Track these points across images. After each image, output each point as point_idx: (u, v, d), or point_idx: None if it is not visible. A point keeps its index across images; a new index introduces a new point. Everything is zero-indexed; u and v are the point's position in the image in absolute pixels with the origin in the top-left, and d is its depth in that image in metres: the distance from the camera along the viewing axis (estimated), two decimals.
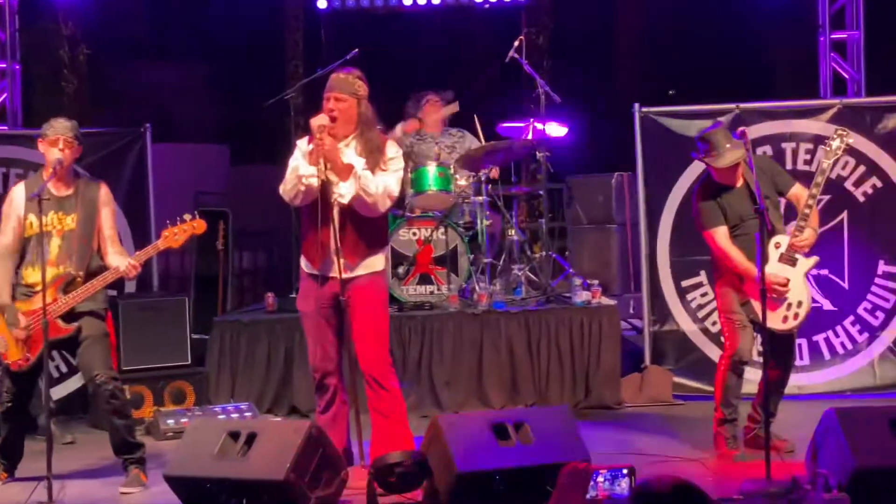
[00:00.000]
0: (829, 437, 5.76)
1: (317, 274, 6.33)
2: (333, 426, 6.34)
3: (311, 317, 6.39)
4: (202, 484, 5.78)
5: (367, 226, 6.31)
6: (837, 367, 8.54)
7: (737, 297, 6.72)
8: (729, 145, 6.64)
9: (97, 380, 6.39)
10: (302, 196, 6.20)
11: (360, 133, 6.33)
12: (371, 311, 6.33)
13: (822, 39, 9.64)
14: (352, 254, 6.26)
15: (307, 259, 6.38)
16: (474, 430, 5.92)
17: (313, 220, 6.25)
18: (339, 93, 6.28)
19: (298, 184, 6.16)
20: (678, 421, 7.90)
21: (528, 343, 8.44)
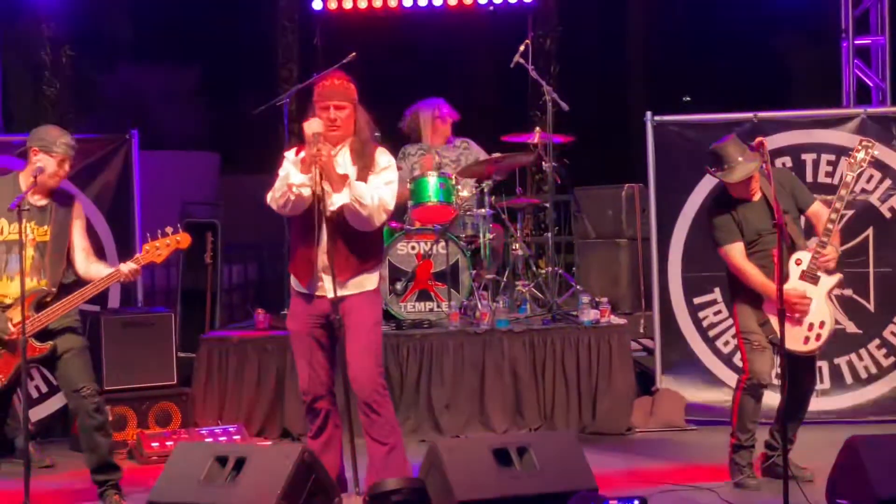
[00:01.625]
0: (850, 465, 5.76)
1: (306, 292, 6.30)
2: (326, 451, 6.32)
3: (300, 337, 6.36)
4: None
5: (361, 240, 6.26)
6: (860, 392, 8.52)
7: (755, 316, 6.71)
8: (741, 158, 6.63)
9: (83, 392, 6.41)
10: (291, 205, 6.15)
11: (354, 140, 6.31)
12: (364, 332, 6.27)
13: (844, 45, 9.66)
14: (343, 270, 6.18)
15: (295, 276, 6.36)
16: (475, 455, 5.92)
17: (302, 233, 6.23)
18: (339, 101, 6.26)
19: (289, 192, 6.12)
20: (691, 447, 7.89)
21: (532, 364, 8.44)
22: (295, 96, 9.38)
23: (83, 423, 6.49)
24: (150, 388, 8.36)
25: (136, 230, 8.78)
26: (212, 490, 5.78)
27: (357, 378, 6.23)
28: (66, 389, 6.58)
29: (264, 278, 11.40)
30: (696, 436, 8.28)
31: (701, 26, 12.79)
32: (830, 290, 6.71)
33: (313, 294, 6.27)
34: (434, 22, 12.30)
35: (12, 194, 6.41)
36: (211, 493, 5.77)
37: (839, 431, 6.89)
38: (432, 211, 8.87)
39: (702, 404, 8.55)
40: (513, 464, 5.91)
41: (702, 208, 8.30)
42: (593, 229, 10.86)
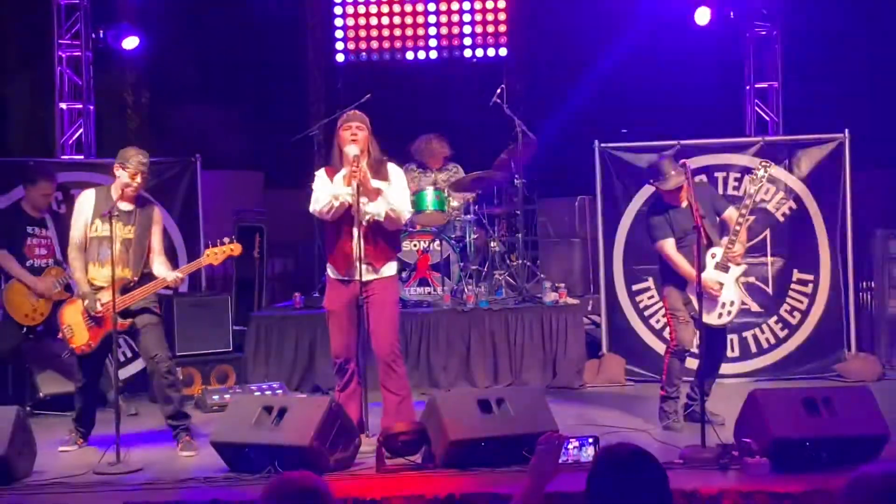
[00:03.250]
0: (752, 412, 5.80)
1: (343, 279, 6.34)
2: (350, 402, 6.35)
3: (336, 314, 6.40)
4: (242, 449, 5.81)
5: (385, 237, 6.36)
6: (762, 358, 8.55)
7: (681, 297, 6.75)
8: (674, 172, 6.69)
9: (156, 359, 6.42)
10: (334, 212, 6.22)
11: (369, 158, 6.35)
12: (386, 307, 6.35)
13: (747, 88, 9.68)
14: (375, 260, 6.29)
15: (334, 266, 6.39)
16: (464, 405, 5.97)
17: (338, 233, 6.29)
18: (359, 123, 6.33)
19: (335, 201, 6.18)
20: (629, 399, 7.92)
21: (506, 334, 8.47)
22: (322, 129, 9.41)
23: (158, 383, 6.50)
24: (211, 353, 8.40)
25: (201, 233, 8.79)
26: (261, 432, 5.81)
27: (380, 343, 6.29)
28: (144, 356, 6.61)
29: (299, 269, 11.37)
30: (634, 390, 8.32)
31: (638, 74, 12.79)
32: (738, 277, 6.76)
33: (349, 279, 6.29)
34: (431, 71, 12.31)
35: (105, 201, 6.45)
36: (260, 434, 5.80)
37: (745, 387, 6.94)
38: (430, 217, 8.89)
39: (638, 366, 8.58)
40: (493, 411, 5.95)
41: (639, 214, 8.33)
42: (553, 231, 10.88)
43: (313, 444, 5.60)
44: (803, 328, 8.54)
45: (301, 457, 5.60)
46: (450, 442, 5.71)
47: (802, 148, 8.61)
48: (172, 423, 6.55)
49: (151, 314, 6.50)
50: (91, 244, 6.48)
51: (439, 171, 9.45)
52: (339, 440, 5.82)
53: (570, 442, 3.64)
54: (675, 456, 5.90)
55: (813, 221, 8.52)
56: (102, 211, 6.38)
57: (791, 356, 8.52)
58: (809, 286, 8.55)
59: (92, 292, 6.42)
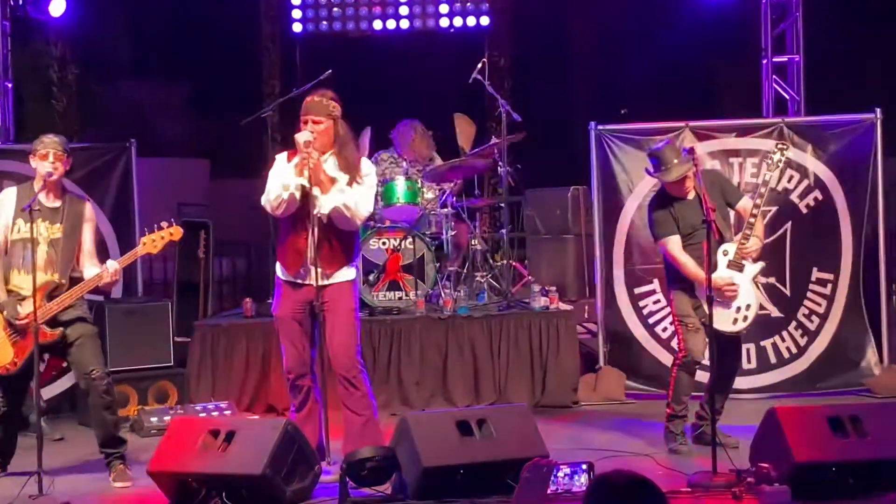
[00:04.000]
0: (770, 433, 5.79)
1: (293, 281, 6.30)
2: (307, 423, 6.31)
3: (286, 321, 6.37)
4: (184, 478, 5.75)
5: (342, 237, 6.31)
6: (782, 370, 8.55)
7: (690, 301, 6.75)
8: (676, 161, 6.68)
9: (92, 375, 6.37)
10: (285, 206, 6.18)
11: (337, 151, 6.32)
12: (344, 317, 6.31)
13: (764, 63, 9.68)
14: (328, 263, 6.24)
15: (284, 266, 6.36)
16: (440, 426, 5.94)
17: (291, 229, 6.25)
18: (315, 116, 6.27)
19: (283, 193, 6.14)
20: (630, 418, 7.91)
21: (489, 345, 8.44)
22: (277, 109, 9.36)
23: (93, 402, 6.45)
24: (149, 368, 8.34)
25: (136, 228, 8.73)
26: (206, 459, 5.76)
27: (338, 356, 6.25)
28: (77, 372, 6.54)
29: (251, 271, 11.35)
30: (635, 408, 8.30)
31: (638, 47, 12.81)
32: (755, 277, 6.76)
33: (300, 282, 6.27)
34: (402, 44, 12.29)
35: (28, 198, 6.39)
36: (205, 462, 5.75)
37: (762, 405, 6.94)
38: (401, 211, 8.88)
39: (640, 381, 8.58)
40: (473, 434, 5.92)
41: (641, 206, 8.31)
42: (543, 226, 10.87)
43: (266, 473, 5.56)
44: (823, 334, 8.55)
45: (252, 487, 5.56)
46: (423, 469, 5.68)
47: (828, 130, 8.62)
48: (105, 450, 6.50)
49: (86, 323, 6.46)
50: (14, 248, 6.44)
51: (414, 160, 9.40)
52: (295, 468, 5.78)
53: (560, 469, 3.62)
54: (683, 483, 5.89)
55: (838, 214, 8.55)
56: (22, 208, 6.32)
57: (813, 368, 8.53)
58: (828, 287, 8.56)
59: (12, 300, 6.36)
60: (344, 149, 6.32)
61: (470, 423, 5.96)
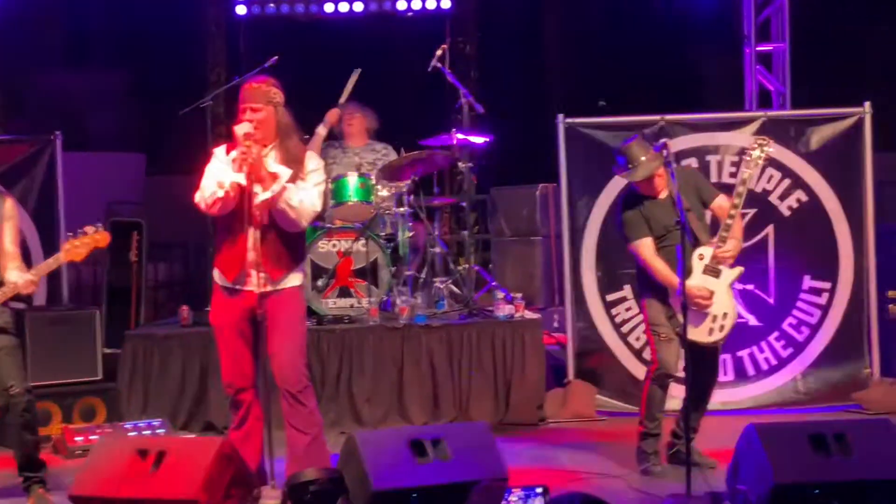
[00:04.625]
0: (749, 452, 5.80)
1: (231, 286, 6.26)
2: (247, 443, 6.27)
3: (225, 331, 6.32)
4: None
5: (287, 239, 6.26)
6: (762, 383, 8.61)
7: (663, 309, 6.76)
8: (644, 158, 6.68)
9: (11, 391, 6.30)
10: (221, 204, 6.12)
11: (279, 142, 6.27)
12: (288, 326, 6.27)
13: (747, 51, 9.74)
14: (270, 267, 6.19)
15: (221, 271, 6.31)
16: (391, 446, 5.88)
17: (230, 229, 6.20)
18: (254, 103, 6.22)
19: (218, 191, 6.08)
20: (601, 437, 7.92)
21: (449, 358, 8.43)
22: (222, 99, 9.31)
23: (11, 421, 6.38)
24: (74, 383, 8.27)
25: (61, 229, 8.66)
26: (133, 483, 5.69)
27: (282, 369, 6.21)
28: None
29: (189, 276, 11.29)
30: (606, 425, 8.32)
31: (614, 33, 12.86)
32: (732, 283, 6.77)
33: (239, 288, 6.22)
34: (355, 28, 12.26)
35: None
36: (132, 485, 5.68)
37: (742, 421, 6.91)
38: (352, 209, 8.86)
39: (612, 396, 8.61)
40: (427, 454, 5.87)
41: (612, 206, 8.33)
42: (509, 227, 10.86)
43: (201, 498, 5.50)
44: (812, 346, 8.62)
45: None
46: (372, 493, 5.64)
47: (814, 125, 8.66)
48: (24, 474, 6.44)
49: (5, 335, 6.40)
50: None
51: (364, 150, 9.39)
52: (233, 492, 5.72)
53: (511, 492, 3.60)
54: None
55: (831, 217, 8.60)
56: None
57: (797, 381, 8.60)
58: (825, 296, 8.62)
59: None
60: (286, 140, 6.28)
61: (424, 442, 5.91)
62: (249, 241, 6.12)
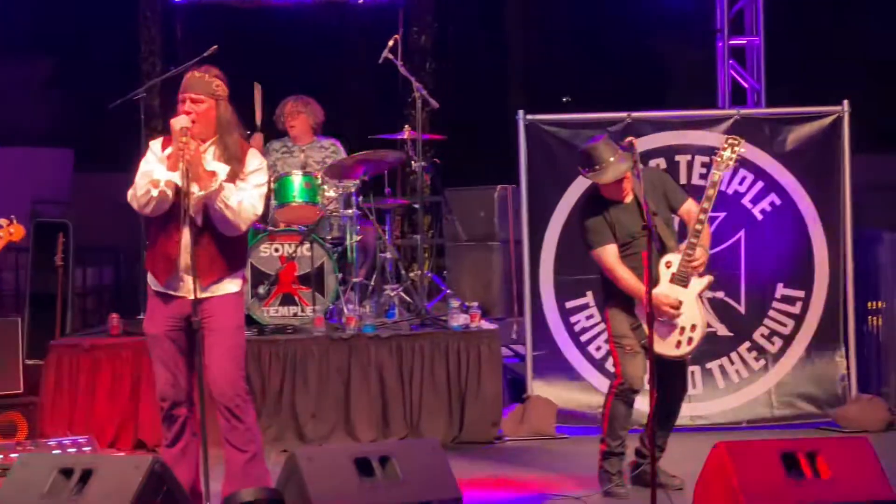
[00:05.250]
0: (717, 472, 5.83)
1: (164, 292, 6.23)
2: (181, 461, 6.25)
3: (158, 340, 6.29)
4: None
5: (225, 241, 6.23)
6: (732, 396, 8.67)
7: (627, 320, 6.78)
8: (613, 158, 6.69)
9: None
10: (155, 204, 6.08)
11: (218, 138, 6.25)
12: (225, 336, 6.23)
13: (719, 45, 9.80)
14: (206, 272, 6.15)
15: (152, 273, 6.28)
16: (335, 465, 5.88)
17: (163, 229, 6.17)
18: (194, 93, 6.19)
19: (152, 190, 6.05)
20: (561, 455, 7.94)
21: (399, 371, 8.44)
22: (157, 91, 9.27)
23: None
24: None
25: None
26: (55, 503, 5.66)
27: (218, 382, 6.18)
28: None
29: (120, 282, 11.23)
30: (567, 444, 8.35)
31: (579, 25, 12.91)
32: (701, 292, 6.81)
33: (172, 294, 6.20)
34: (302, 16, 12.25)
35: None
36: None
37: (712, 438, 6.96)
38: (297, 211, 8.85)
39: (573, 411, 8.63)
40: (374, 473, 5.88)
41: (574, 209, 8.34)
42: (465, 231, 10.87)
43: None
44: (786, 357, 8.70)
45: None
46: None
47: (790, 124, 8.74)
48: None
49: None
50: None
51: (310, 148, 9.38)
52: None
53: None
54: None
55: (806, 221, 8.69)
56: None
57: (770, 395, 8.68)
58: (798, 305, 8.70)
59: None
60: (227, 137, 6.26)
61: (371, 460, 5.92)
62: (182, 244, 6.09)
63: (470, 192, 11.05)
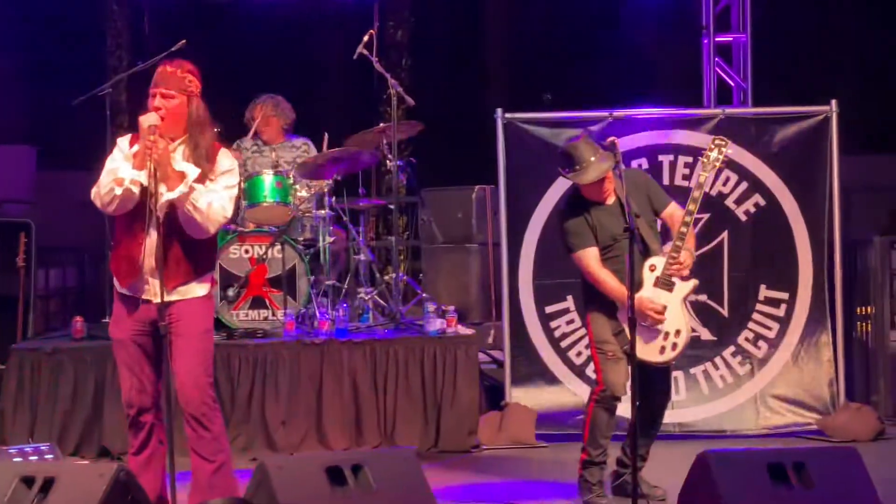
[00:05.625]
0: (700, 482, 5.83)
1: (130, 295, 6.20)
2: (147, 469, 6.23)
3: (124, 344, 6.26)
4: None
5: (191, 245, 6.20)
6: (718, 402, 8.68)
7: (609, 325, 6.77)
8: (594, 158, 6.68)
9: None
10: (119, 203, 6.04)
11: (189, 136, 6.22)
12: (191, 341, 6.21)
13: (705, 42, 9.81)
14: (172, 275, 6.12)
15: (116, 276, 6.26)
16: (306, 474, 5.85)
17: (128, 230, 6.14)
18: (165, 88, 6.17)
19: (117, 188, 6.01)
20: (540, 465, 7.97)
21: (373, 377, 8.44)
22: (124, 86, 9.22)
23: None
24: None
25: None
26: None
27: (185, 389, 6.16)
28: None
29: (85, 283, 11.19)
30: (546, 452, 8.35)
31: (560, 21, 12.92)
32: (686, 297, 6.80)
33: (138, 297, 6.17)
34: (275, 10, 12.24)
35: None
36: None
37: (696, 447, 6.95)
38: (268, 212, 8.84)
39: (553, 419, 8.63)
40: (347, 483, 5.86)
41: (554, 211, 8.35)
42: (441, 233, 10.86)
43: None
44: (772, 362, 8.71)
45: None
46: None
47: (776, 124, 8.76)
48: None
49: None
50: None
51: (281, 147, 9.37)
52: None
53: None
54: None
55: (790, 222, 8.71)
56: None
57: (756, 401, 8.68)
58: (782, 307, 8.73)
59: None
60: (198, 135, 6.23)
61: (343, 469, 5.89)
62: (146, 246, 6.06)
63: (447, 192, 11.04)
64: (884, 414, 8.82)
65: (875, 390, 9.00)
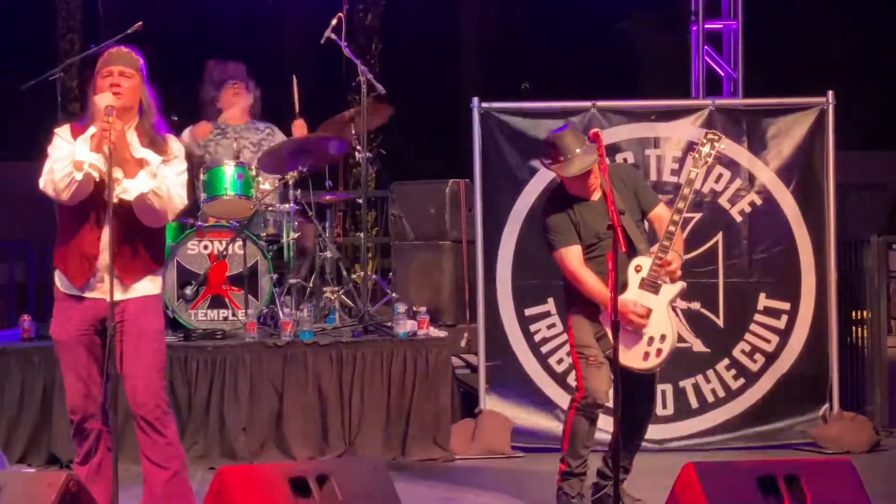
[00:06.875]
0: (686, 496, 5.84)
1: (76, 294, 6.18)
2: (96, 479, 6.22)
3: (69, 346, 6.24)
4: None
5: (147, 237, 6.20)
6: (706, 416, 8.69)
7: (591, 328, 6.77)
8: (580, 150, 6.68)
9: None
10: (76, 188, 6.01)
11: (140, 122, 6.21)
12: (145, 341, 6.21)
13: (694, 29, 9.83)
14: (128, 270, 6.12)
15: (66, 274, 6.22)
16: (267, 484, 5.85)
17: (77, 223, 6.11)
18: (124, 66, 6.15)
19: (75, 172, 5.97)
20: (517, 476, 7.96)
21: (339, 382, 8.44)
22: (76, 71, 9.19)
23: None
24: None
25: None
26: None
27: (137, 392, 6.15)
28: None
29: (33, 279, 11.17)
30: (523, 463, 8.37)
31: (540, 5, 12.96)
32: (673, 300, 6.81)
33: (86, 296, 6.15)
34: None
35: None
36: None
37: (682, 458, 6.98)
38: (228, 205, 8.83)
39: (530, 428, 8.64)
40: (311, 494, 5.86)
41: (535, 207, 8.36)
42: (413, 230, 10.85)
43: None
44: (768, 375, 8.72)
45: None
46: None
47: (769, 117, 8.78)
48: None
49: None
50: None
51: (245, 129, 9.34)
52: None
53: None
54: None
55: (791, 225, 8.73)
56: None
57: (748, 414, 8.70)
58: (784, 318, 8.73)
59: None
60: (147, 120, 6.22)
61: (307, 480, 5.90)
62: (101, 239, 6.04)
63: (419, 186, 11.04)
64: (879, 424, 8.83)
65: (870, 399, 9.01)
